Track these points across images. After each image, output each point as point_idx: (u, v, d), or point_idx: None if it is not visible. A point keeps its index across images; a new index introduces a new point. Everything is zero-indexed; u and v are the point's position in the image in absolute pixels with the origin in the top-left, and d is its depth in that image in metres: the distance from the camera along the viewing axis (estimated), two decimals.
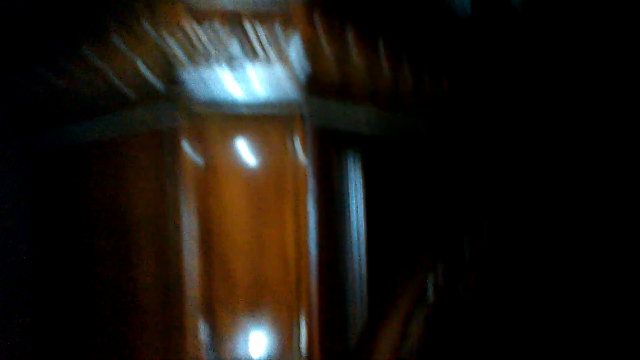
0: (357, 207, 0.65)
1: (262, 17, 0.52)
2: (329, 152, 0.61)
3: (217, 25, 0.52)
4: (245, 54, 0.53)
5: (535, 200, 1.01)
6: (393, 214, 0.72)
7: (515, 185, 0.99)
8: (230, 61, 0.53)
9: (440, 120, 0.83)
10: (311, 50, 0.54)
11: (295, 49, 0.54)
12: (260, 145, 0.57)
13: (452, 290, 0.75)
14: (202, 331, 0.54)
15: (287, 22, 0.52)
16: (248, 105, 0.55)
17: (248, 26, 0.52)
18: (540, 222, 1.01)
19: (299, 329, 0.55)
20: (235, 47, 0.53)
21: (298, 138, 0.57)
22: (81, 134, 0.67)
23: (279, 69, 0.55)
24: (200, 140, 0.54)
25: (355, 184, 0.65)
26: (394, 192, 0.73)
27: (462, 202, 0.87)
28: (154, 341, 0.59)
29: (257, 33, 0.52)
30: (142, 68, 0.54)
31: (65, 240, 0.72)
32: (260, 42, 0.53)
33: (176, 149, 0.54)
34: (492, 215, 0.90)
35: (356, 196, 0.65)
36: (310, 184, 0.57)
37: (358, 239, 0.64)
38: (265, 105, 0.56)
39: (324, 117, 0.60)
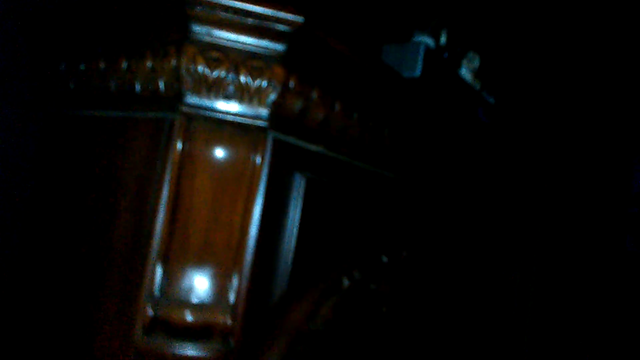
0: (295, 209, 0.84)
1: (252, 70, 0.74)
2: (281, 163, 0.80)
3: (220, 68, 0.73)
4: (235, 89, 0.74)
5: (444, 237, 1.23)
6: (325, 222, 0.91)
7: (431, 225, 1.20)
8: (223, 91, 0.74)
9: (379, 161, 1.03)
10: (282, 98, 0.76)
11: (271, 95, 0.75)
12: (231, 147, 0.76)
13: (363, 289, 0.95)
14: (158, 275, 0.72)
15: (269, 77, 0.74)
16: (227, 118, 0.75)
17: (242, 73, 0.73)
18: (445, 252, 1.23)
19: (231, 284, 0.74)
20: (229, 84, 0.73)
21: (259, 149, 0.76)
22: (94, 109, 0.86)
23: (256, 103, 0.75)
24: (186, 134, 0.73)
25: (298, 190, 0.84)
26: (329, 205, 0.92)
27: (387, 229, 1.07)
28: (120, 278, 0.76)
29: (247, 79, 0.73)
30: (160, 83, 0.75)
31: (61, 189, 0.90)
32: (247, 84, 0.74)
33: (166, 135, 0.73)
34: (410, 243, 1.10)
35: (297, 200, 0.85)
36: (262, 183, 0.77)
37: (292, 231, 0.83)
38: (241, 120, 0.76)
39: (282, 142, 0.80)
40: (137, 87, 0.77)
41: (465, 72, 1.24)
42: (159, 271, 0.72)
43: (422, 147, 1.12)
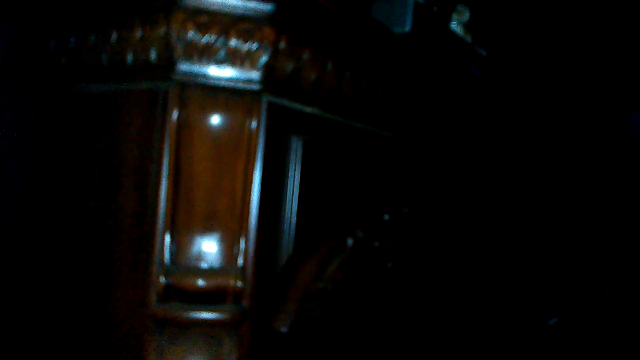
0: (295, 171, 0.85)
1: (242, 33, 0.73)
2: (277, 127, 0.80)
3: (210, 33, 0.72)
4: (226, 53, 0.73)
5: (446, 197, 1.24)
6: (325, 183, 0.92)
7: (432, 183, 1.21)
8: (215, 56, 0.73)
9: (374, 120, 1.03)
10: (273, 60, 0.75)
11: (262, 57, 0.74)
12: (226, 113, 0.75)
13: (367, 247, 0.96)
14: (167, 244, 0.73)
15: (260, 39, 0.73)
16: (221, 83, 0.75)
17: (232, 37, 0.73)
18: (446, 214, 1.25)
19: (238, 248, 0.75)
20: (220, 49, 0.73)
21: (254, 113, 0.76)
22: (87, 85, 0.85)
23: (248, 66, 0.75)
24: (181, 102, 0.73)
25: (296, 152, 0.84)
26: (328, 167, 0.93)
27: (387, 187, 1.08)
28: (130, 251, 0.77)
29: (237, 42, 0.73)
30: (151, 52, 0.74)
31: (61, 166, 0.89)
32: (238, 48, 0.73)
33: (161, 105, 0.73)
34: (411, 202, 1.11)
35: (295, 163, 0.85)
36: (260, 147, 0.77)
37: (293, 194, 0.84)
38: (234, 85, 0.75)
39: (277, 106, 0.80)
40: (129, 58, 0.76)
41: (456, 26, 1.23)
42: (167, 241, 0.73)
43: (417, 103, 1.12)
